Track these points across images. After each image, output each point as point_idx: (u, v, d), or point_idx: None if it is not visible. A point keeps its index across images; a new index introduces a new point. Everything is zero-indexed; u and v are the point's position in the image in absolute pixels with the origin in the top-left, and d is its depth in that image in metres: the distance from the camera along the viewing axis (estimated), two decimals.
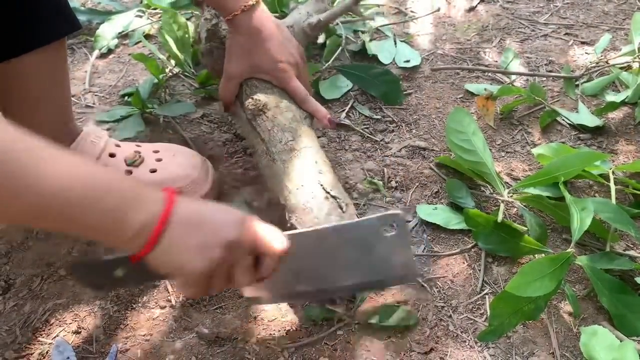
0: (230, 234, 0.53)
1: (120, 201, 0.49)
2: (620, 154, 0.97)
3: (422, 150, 1.00)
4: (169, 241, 0.51)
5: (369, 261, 0.64)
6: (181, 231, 0.52)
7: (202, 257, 0.52)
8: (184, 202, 0.53)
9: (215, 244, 0.53)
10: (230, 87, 0.87)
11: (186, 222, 0.52)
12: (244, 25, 0.81)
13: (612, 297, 0.71)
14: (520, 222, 0.85)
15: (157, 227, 0.50)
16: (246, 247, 0.55)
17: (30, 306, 0.78)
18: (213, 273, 0.54)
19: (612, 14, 1.35)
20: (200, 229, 0.53)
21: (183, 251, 0.52)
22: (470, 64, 1.22)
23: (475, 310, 0.75)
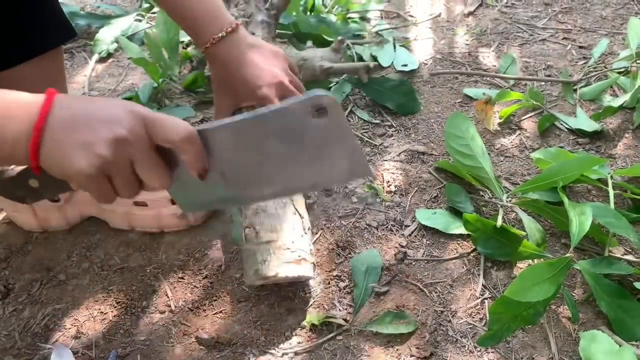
0: (117, 129, 0.49)
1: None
2: (619, 159, 0.98)
3: (421, 155, 1.00)
4: (51, 144, 0.48)
5: (300, 156, 0.55)
6: (62, 131, 0.48)
7: (86, 155, 0.49)
8: (65, 101, 0.50)
9: (99, 139, 0.49)
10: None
11: (67, 120, 0.49)
12: (217, 56, 0.80)
13: (611, 301, 0.71)
14: (519, 227, 0.85)
15: (35, 132, 0.48)
16: (142, 142, 0.51)
17: (30, 311, 0.78)
18: (108, 173, 0.51)
19: (610, 18, 1.36)
20: (83, 126, 0.49)
21: (66, 152, 0.49)
22: (468, 69, 1.22)
23: (474, 315, 0.75)
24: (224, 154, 0.55)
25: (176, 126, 0.51)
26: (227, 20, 0.79)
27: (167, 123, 0.51)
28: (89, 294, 0.80)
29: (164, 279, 0.81)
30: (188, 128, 0.52)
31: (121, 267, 0.83)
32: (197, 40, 0.80)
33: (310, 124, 0.52)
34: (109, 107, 0.51)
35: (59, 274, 0.82)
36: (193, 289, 0.80)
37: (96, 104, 0.51)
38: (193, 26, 0.79)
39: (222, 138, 0.55)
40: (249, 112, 0.54)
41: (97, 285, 0.81)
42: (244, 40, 0.80)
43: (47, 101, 0.49)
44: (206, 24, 0.78)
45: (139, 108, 0.51)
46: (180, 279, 0.81)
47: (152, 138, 0.52)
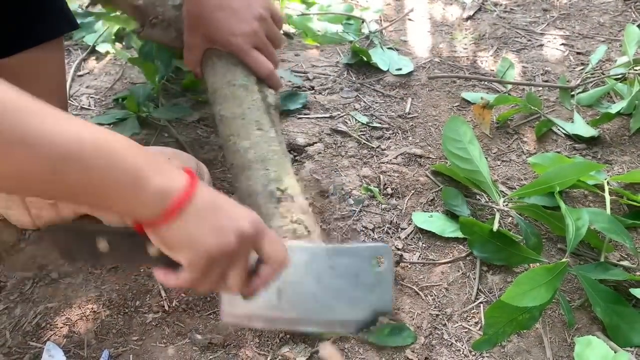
0: (245, 226, 0.52)
1: (144, 161, 0.47)
2: (615, 165, 0.98)
3: (418, 158, 1.00)
4: (192, 213, 0.49)
5: (351, 293, 0.62)
6: (204, 207, 0.50)
7: (218, 238, 0.51)
8: (204, 185, 0.52)
9: (231, 229, 0.51)
10: (192, 57, 0.84)
11: (209, 201, 0.51)
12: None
13: (606, 307, 0.71)
14: (516, 231, 0.85)
15: (183, 196, 0.48)
16: (253, 244, 0.54)
17: (21, 309, 0.77)
18: (219, 260, 0.52)
19: (608, 25, 1.37)
20: (219, 213, 0.51)
21: (202, 227, 0.50)
22: (467, 73, 1.22)
23: (469, 319, 0.74)
24: (287, 273, 0.59)
25: (281, 249, 0.56)
26: None
27: (278, 243, 0.56)
28: (82, 292, 0.79)
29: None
30: (287, 255, 0.56)
31: (114, 267, 0.82)
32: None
33: (365, 269, 0.60)
34: (239, 206, 0.54)
35: (52, 272, 0.81)
36: (187, 289, 0.79)
37: (225, 197, 0.54)
38: None
39: (297, 259, 0.60)
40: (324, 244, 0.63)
41: (90, 284, 0.80)
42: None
43: (193, 174, 0.51)
44: None
45: (260, 220, 0.55)
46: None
47: (258, 247, 0.55)
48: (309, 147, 1.01)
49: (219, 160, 1.00)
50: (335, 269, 0.61)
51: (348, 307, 0.62)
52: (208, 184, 0.88)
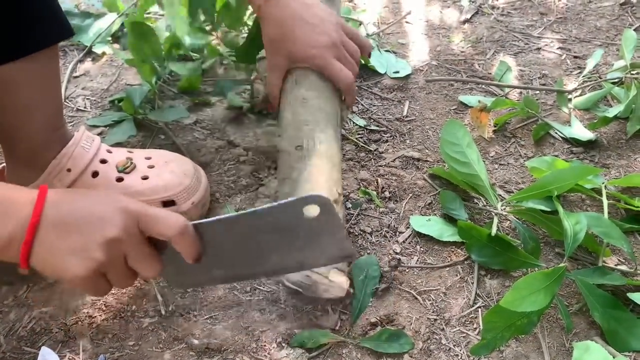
0: (109, 231, 0.50)
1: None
2: (612, 168, 0.98)
3: (416, 161, 1.00)
4: (43, 248, 0.49)
5: (292, 245, 0.60)
6: (54, 235, 0.49)
7: (81, 261, 0.49)
8: (55, 202, 0.50)
9: (93, 244, 0.49)
10: (274, 80, 0.86)
11: (59, 224, 0.49)
12: (270, 16, 0.79)
13: (604, 312, 0.71)
14: (513, 235, 0.85)
15: (27, 237, 0.48)
16: (134, 238, 0.52)
17: (16, 314, 0.76)
18: (103, 272, 0.51)
19: (605, 29, 1.37)
20: (75, 230, 0.49)
21: (59, 257, 0.49)
22: (464, 76, 1.22)
23: (468, 324, 0.74)
24: (219, 242, 0.60)
25: (169, 221, 0.53)
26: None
27: (160, 218, 0.53)
28: (77, 297, 0.78)
29: (154, 283, 0.79)
30: (180, 223, 0.54)
31: None
32: (251, 1, 0.80)
33: (302, 220, 0.57)
34: (100, 205, 0.51)
35: (47, 277, 0.81)
36: (183, 293, 0.78)
37: (87, 201, 0.51)
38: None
39: (217, 230, 0.59)
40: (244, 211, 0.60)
41: None
42: (296, 0, 0.80)
43: (37, 203, 0.49)
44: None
45: (131, 205, 0.52)
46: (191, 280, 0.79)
47: (144, 232, 0.53)
48: None
49: (215, 162, 1.00)
50: (263, 228, 0.59)
51: (296, 254, 0.61)
52: (205, 188, 0.88)
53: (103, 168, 0.84)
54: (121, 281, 0.54)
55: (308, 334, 0.72)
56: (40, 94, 0.79)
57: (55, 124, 0.83)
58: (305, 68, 0.84)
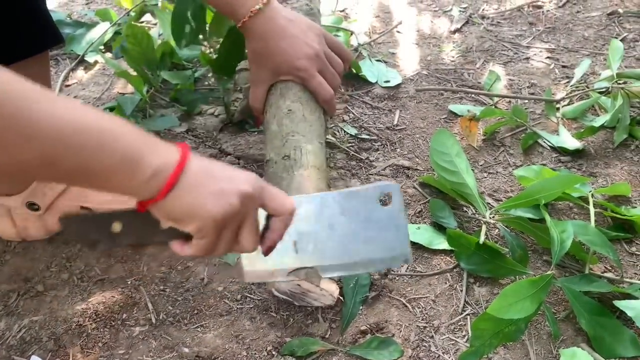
0: (245, 186, 0.54)
1: (135, 144, 0.49)
2: (599, 177, 0.99)
3: (406, 170, 1.01)
4: (186, 185, 0.51)
5: (365, 234, 0.65)
6: (198, 176, 0.52)
7: (219, 202, 0.52)
8: (198, 156, 0.53)
9: (231, 191, 0.53)
10: (258, 94, 0.87)
11: (203, 169, 0.52)
12: (255, 30, 0.81)
13: (590, 319, 0.72)
14: (502, 243, 0.86)
15: (175, 170, 0.50)
16: (257, 202, 0.56)
17: (5, 323, 0.76)
18: (226, 223, 0.54)
19: (592, 39, 1.39)
20: (216, 177, 0.53)
21: (200, 195, 0.52)
22: (454, 85, 1.24)
23: (457, 331, 0.75)
24: (300, 225, 0.63)
25: (285, 200, 0.58)
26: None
27: (280, 196, 0.58)
28: (68, 305, 0.78)
29: (145, 292, 0.80)
30: (292, 205, 0.59)
31: (101, 279, 0.82)
32: (234, 15, 0.82)
33: (376, 209, 0.63)
34: (236, 169, 0.56)
35: (37, 285, 0.81)
36: (174, 302, 0.79)
37: (224, 165, 0.56)
38: (231, 4, 0.81)
39: (307, 209, 0.63)
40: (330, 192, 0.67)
41: (76, 297, 0.79)
42: (280, 12, 0.82)
43: (185, 148, 0.52)
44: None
45: (259, 178, 0.57)
46: (161, 292, 0.80)
47: (263, 203, 0.57)
48: None
49: None
50: (344, 213, 0.64)
51: (364, 248, 0.65)
52: None
53: None
54: (228, 242, 0.56)
55: (298, 342, 0.72)
56: None
57: None
58: (289, 80, 0.85)
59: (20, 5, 0.73)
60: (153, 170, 0.49)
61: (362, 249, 0.65)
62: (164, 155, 0.50)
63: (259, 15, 0.80)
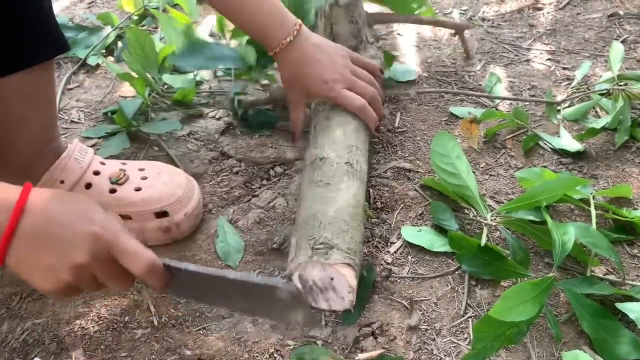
0: (78, 257, 0.52)
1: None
2: (601, 179, 0.99)
3: (407, 172, 1.01)
4: (16, 256, 0.51)
5: (258, 309, 0.66)
6: (27, 248, 0.51)
7: (49, 279, 0.52)
8: (35, 211, 0.51)
9: (62, 266, 0.51)
10: (297, 116, 0.95)
11: (32, 238, 0.51)
12: (284, 59, 0.89)
13: (592, 321, 0.72)
14: (503, 245, 0.86)
15: (1, 244, 0.50)
16: (103, 263, 0.54)
17: (8, 325, 0.76)
18: (74, 285, 0.54)
19: (593, 41, 1.39)
20: (46, 249, 0.51)
21: (30, 270, 0.52)
22: (455, 87, 1.24)
23: (458, 334, 0.75)
24: (187, 285, 0.64)
25: (137, 258, 0.55)
26: (291, 22, 0.87)
27: (129, 254, 0.55)
28: (70, 308, 0.78)
29: (147, 294, 0.80)
30: (147, 261, 0.56)
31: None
32: (266, 46, 0.89)
33: (274, 299, 0.62)
34: (75, 225, 0.52)
35: None
36: (176, 304, 0.79)
37: (64, 215, 0.52)
38: (262, 36, 0.88)
39: (186, 278, 0.62)
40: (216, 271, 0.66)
41: (78, 300, 0.79)
42: (308, 40, 0.89)
43: (15, 211, 0.50)
44: (273, 31, 0.87)
45: (105, 234, 0.53)
46: (163, 294, 0.80)
47: (115, 260, 0.56)
48: (298, 161, 1.02)
49: (209, 173, 1.00)
50: (234, 291, 0.64)
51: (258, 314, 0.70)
52: (198, 199, 0.88)
53: (96, 180, 0.84)
54: (90, 289, 0.57)
55: (309, 349, 0.71)
56: (34, 107, 0.79)
57: (48, 136, 0.84)
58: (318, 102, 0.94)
59: (27, 13, 0.73)
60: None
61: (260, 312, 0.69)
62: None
63: (289, 46, 0.87)
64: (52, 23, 0.78)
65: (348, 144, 0.86)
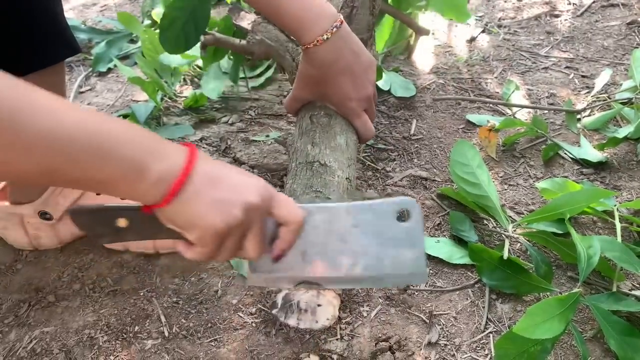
0: (251, 196, 0.52)
1: (140, 149, 0.47)
2: (624, 190, 0.96)
3: (424, 181, 0.99)
4: (190, 193, 0.49)
5: (378, 250, 0.60)
6: (203, 184, 0.50)
7: (221, 213, 0.50)
8: (206, 158, 0.52)
9: (236, 202, 0.51)
10: (295, 106, 0.85)
11: (209, 176, 0.51)
12: (316, 58, 0.75)
13: (620, 339, 0.69)
14: (524, 258, 0.83)
15: (180, 177, 0.49)
16: (264, 212, 0.54)
17: (16, 334, 0.75)
18: (228, 233, 0.52)
19: (612, 49, 1.36)
20: (222, 185, 0.51)
21: (202, 204, 0.50)
22: (471, 95, 1.21)
23: (479, 350, 0.72)
24: (311, 234, 0.60)
25: (295, 210, 0.56)
26: (331, 15, 0.74)
27: (289, 205, 0.56)
28: (79, 316, 0.77)
29: (157, 303, 0.78)
30: (301, 216, 0.57)
31: (114, 290, 0.80)
32: (298, 38, 0.75)
33: (392, 224, 0.59)
34: (246, 175, 0.54)
35: (49, 295, 0.79)
36: (187, 314, 0.77)
37: (235, 169, 0.54)
38: (296, 27, 0.74)
39: (318, 219, 0.60)
40: (343, 202, 0.61)
41: (87, 308, 0.78)
42: (347, 44, 0.76)
43: (191, 150, 0.50)
44: (310, 23, 0.73)
45: (269, 185, 0.55)
46: (174, 304, 0.78)
47: (272, 212, 0.55)
48: None
49: None
50: (358, 226, 0.60)
51: (376, 263, 0.61)
52: None
53: None
54: (231, 250, 0.54)
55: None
56: None
57: None
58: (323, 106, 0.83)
59: (38, 15, 0.72)
60: (157, 177, 0.48)
61: (373, 264, 0.61)
62: (169, 161, 0.49)
63: (325, 44, 0.74)
64: (63, 25, 0.77)
65: (349, 156, 0.78)
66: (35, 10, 0.71)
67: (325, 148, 0.77)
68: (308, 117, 0.82)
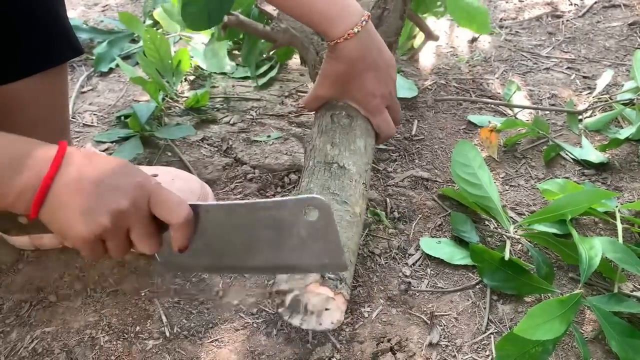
0: (119, 201, 0.51)
1: (6, 163, 0.48)
2: (625, 191, 0.96)
3: (425, 181, 0.99)
4: (54, 204, 0.50)
5: (286, 244, 0.60)
6: (67, 194, 0.50)
7: (87, 223, 0.50)
8: (75, 161, 0.51)
9: (101, 209, 0.51)
10: (316, 104, 0.84)
11: (74, 183, 0.50)
12: (344, 54, 0.75)
13: (622, 341, 0.69)
14: (525, 259, 0.83)
15: (39, 190, 0.49)
16: (141, 213, 0.53)
17: (17, 333, 0.75)
18: (103, 238, 0.52)
19: (614, 49, 1.36)
20: (88, 192, 0.50)
21: (68, 215, 0.50)
22: (473, 95, 1.21)
23: (480, 351, 0.72)
24: (214, 229, 0.60)
25: (177, 209, 0.54)
26: (359, 10, 0.74)
27: (170, 204, 0.54)
28: (80, 317, 0.77)
29: (159, 304, 0.78)
30: (187, 212, 0.55)
31: (115, 290, 0.80)
32: (325, 34, 0.75)
33: (301, 220, 0.57)
34: (117, 175, 0.52)
35: (50, 295, 0.79)
36: (189, 314, 0.77)
37: (105, 168, 0.52)
38: (325, 23, 0.73)
39: (215, 217, 0.59)
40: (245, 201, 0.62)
41: (89, 308, 0.78)
42: (373, 39, 0.76)
43: (56, 157, 0.50)
44: (338, 17, 0.72)
45: (146, 183, 0.53)
46: (175, 304, 0.78)
47: (152, 211, 0.54)
48: None
49: (222, 180, 0.99)
50: (261, 221, 0.59)
51: (288, 254, 0.60)
52: None
53: None
54: (118, 250, 0.55)
55: None
56: (47, 110, 0.78)
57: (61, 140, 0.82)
58: (345, 105, 0.83)
59: (41, 17, 0.72)
60: (18, 191, 0.48)
61: (285, 255, 0.60)
62: (29, 174, 0.49)
63: (352, 40, 0.74)
64: (66, 26, 0.77)
65: (367, 160, 0.78)
66: (38, 11, 0.71)
67: (345, 150, 0.76)
68: (329, 115, 0.81)
